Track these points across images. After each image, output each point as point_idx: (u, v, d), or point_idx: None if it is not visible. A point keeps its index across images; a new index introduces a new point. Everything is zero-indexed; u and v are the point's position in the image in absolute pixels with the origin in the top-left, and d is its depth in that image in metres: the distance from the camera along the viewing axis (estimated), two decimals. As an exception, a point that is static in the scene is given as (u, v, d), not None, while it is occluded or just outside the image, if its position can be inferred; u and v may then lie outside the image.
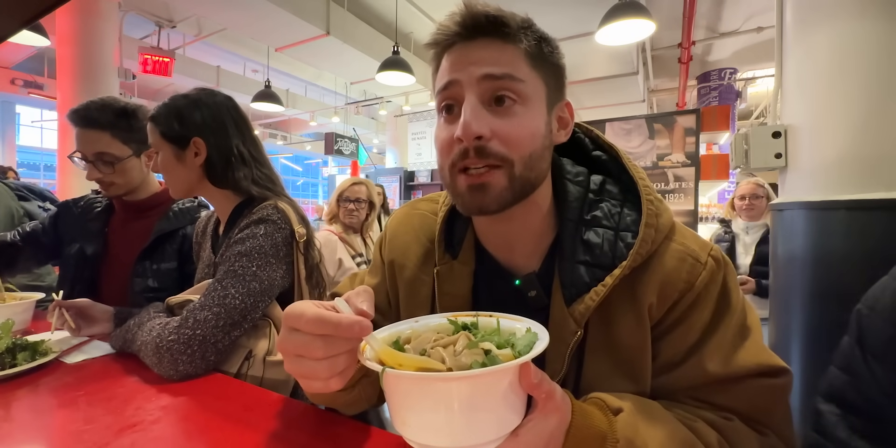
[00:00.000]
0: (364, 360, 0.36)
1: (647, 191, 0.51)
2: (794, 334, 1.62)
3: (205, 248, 1.05)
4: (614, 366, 0.50)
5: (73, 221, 1.27)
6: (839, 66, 1.49)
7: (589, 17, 3.70)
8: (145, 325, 0.81)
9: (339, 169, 12.22)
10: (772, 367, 0.48)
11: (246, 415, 0.60)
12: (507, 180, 0.48)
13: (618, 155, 0.55)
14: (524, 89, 0.47)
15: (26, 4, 0.37)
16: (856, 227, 1.41)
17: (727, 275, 0.51)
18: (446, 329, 0.44)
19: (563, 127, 0.54)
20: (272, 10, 4.11)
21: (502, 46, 0.47)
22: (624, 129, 3.43)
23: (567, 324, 0.50)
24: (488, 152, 0.46)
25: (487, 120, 0.46)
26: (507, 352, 0.36)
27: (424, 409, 0.35)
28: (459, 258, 0.58)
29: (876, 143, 1.40)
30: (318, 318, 0.37)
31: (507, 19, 0.47)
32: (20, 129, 9.82)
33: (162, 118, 0.94)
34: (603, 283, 0.48)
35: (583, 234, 0.52)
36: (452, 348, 0.38)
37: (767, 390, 0.48)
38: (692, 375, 0.48)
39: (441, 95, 0.50)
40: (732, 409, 0.48)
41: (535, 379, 0.36)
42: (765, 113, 7.24)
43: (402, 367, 0.36)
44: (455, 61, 0.48)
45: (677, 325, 0.49)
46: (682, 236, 0.52)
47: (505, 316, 0.44)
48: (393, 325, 0.44)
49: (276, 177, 1.05)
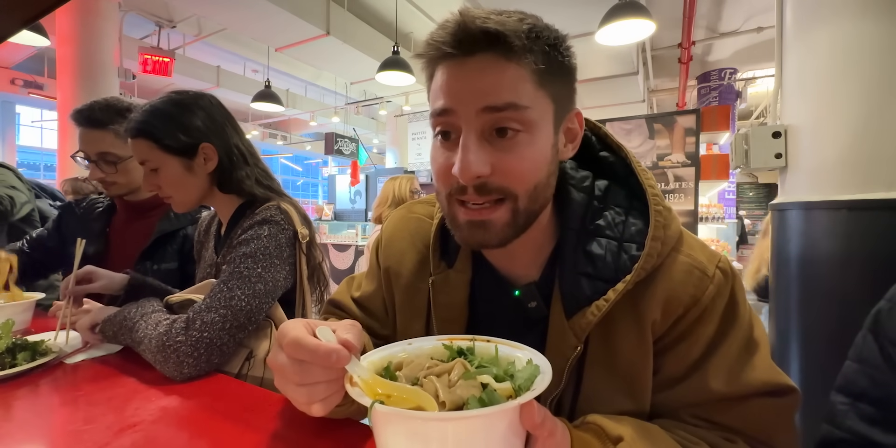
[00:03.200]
0: (351, 391, 0.34)
1: (656, 200, 0.48)
2: (794, 334, 1.63)
3: (207, 248, 1.05)
4: (614, 382, 0.48)
5: (76, 222, 1.28)
6: (839, 66, 1.49)
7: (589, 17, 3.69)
8: (150, 317, 0.78)
9: (339, 169, 12.20)
10: (779, 386, 0.46)
11: (246, 415, 0.60)
12: (511, 216, 0.45)
13: (626, 156, 0.52)
14: (529, 116, 0.42)
15: (26, 4, 0.37)
16: (856, 227, 1.41)
17: (735, 287, 0.48)
18: (441, 354, 0.42)
19: (571, 140, 0.50)
20: (272, 10, 4.12)
21: (504, 66, 0.41)
22: (624, 129, 3.43)
23: (567, 337, 0.48)
24: (490, 188, 0.43)
25: (488, 156, 0.42)
26: (507, 386, 0.34)
27: (412, 446, 0.32)
28: (456, 266, 0.56)
29: (876, 143, 1.40)
30: (295, 341, 0.36)
31: (509, 36, 0.40)
32: (20, 129, 9.82)
33: (158, 131, 0.87)
34: (605, 298, 0.46)
35: (585, 244, 0.49)
36: (447, 378, 0.36)
37: (773, 410, 0.46)
38: (695, 392, 0.46)
39: (436, 120, 0.45)
40: (736, 429, 0.46)
41: (538, 418, 0.33)
42: (765, 113, 7.24)
43: (392, 398, 0.34)
44: (450, 81, 0.43)
45: (681, 340, 0.47)
46: (689, 247, 0.49)
47: (504, 342, 0.41)
48: (385, 347, 0.42)
49: (272, 172, 1.04)
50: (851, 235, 1.42)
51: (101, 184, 1.18)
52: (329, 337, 0.38)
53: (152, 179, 0.90)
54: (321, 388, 0.38)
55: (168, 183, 0.90)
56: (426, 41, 0.44)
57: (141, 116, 0.88)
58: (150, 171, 0.90)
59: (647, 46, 5.23)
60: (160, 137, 0.88)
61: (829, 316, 1.48)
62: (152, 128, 0.88)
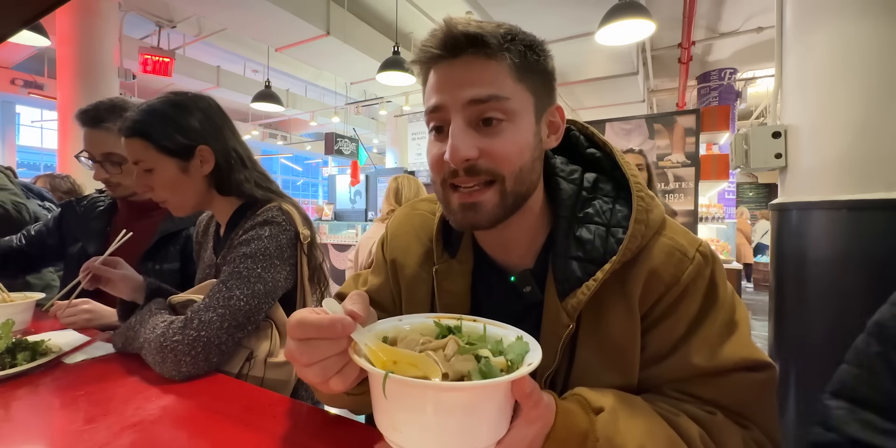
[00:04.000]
0: (357, 360, 0.36)
1: (638, 187, 0.52)
2: (795, 334, 1.63)
3: (206, 249, 1.04)
4: (604, 358, 0.51)
5: (76, 220, 1.28)
6: (839, 66, 1.49)
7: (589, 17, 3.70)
8: (147, 322, 0.80)
9: (340, 169, 12.21)
10: (756, 362, 0.49)
11: (246, 415, 0.60)
12: (499, 197, 0.49)
13: (611, 152, 0.56)
14: (511, 106, 0.47)
15: (26, 4, 0.37)
16: (856, 227, 1.41)
17: (715, 270, 0.52)
18: (431, 331, 0.44)
19: (554, 132, 0.55)
20: (272, 10, 4.12)
21: (485, 63, 0.47)
22: (624, 129, 3.44)
23: (560, 317, 0.51)
24: (478, 170, 0.48)
25: (475, 141, 0.47)
26: (501, 360, 0.37)
27: (422, 416, 0.34)
28: (458, 257, 0.60)
29: (876, 143, 1.40)
30: (299, 321, 0.38)
31: (487, 37, 0.46)
32: (20, 129, 9.82)
33: (155, 131, 0.86)
34: (594, 278, 0.49)
35: (575, 230, 0.53)
36: (442, 353, 0.38)
37: (751, 384, 0.49)
38: (678, 368, 0.49)
39: (429, 117, 0.50)
40: (716, 403, 0.48)
41: (528, 388, 0.36)
42: (765, 113, 7.24)
43: (398, 364, 0.36)
44: (440, 82, 0.48)
45: (664, 319, 0.51)
46: (671, 231, 0.53)
47: (491, 322, 0.44)
48: (376, 323, 0.44)
49: (269, 175, 1.04)
50: (851, 235, 1.42)
51: (106, 185, 1.18)
52: (335, 308, 0.39)
53: (145, 180, 0.89)
54: (332, 361, 0.38)
55: (162, 185, 0.89)
56: (419, 48, 0.49)
57: (138, 116, 0.87)
58: (144, 172, 0.89)
59: (647, 46, 5.23)
60: (156, 138, 0.86)
61: (828, 316, 1.48)
62: (149, 128, 0.86)
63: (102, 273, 0.90)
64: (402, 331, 0.44)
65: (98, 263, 0.91)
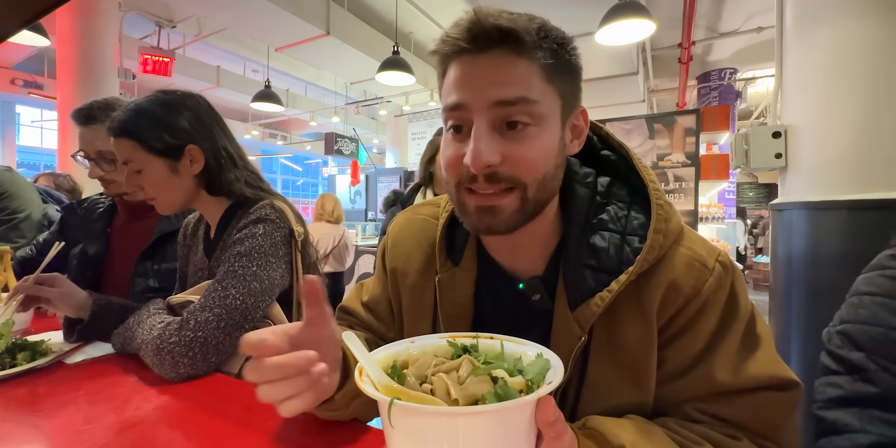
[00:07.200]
0: (364, 388, 0.33)
1: (658, 195, 0.49)
2: (794, 334, 1.63)
3: (196, 252, 1.02)
4: (618, 371, 0.49)
5: (77, 222, 1.29)
6: (839, 65, 1.49)
7: (589, 17, 3.69)
8: (145, 323, 0.79)
9: (340, 169, 12.20)
10: (784, 381, 0.46)
11: (247, 415, 0.60)
12: (520, 203, 0.46)
13: (627, 154, 0.54)
14: (539, 109, 0.44)
15: (26, 4, 0.37)
16: (856, 227, 1.41)
17: (735, 281, 0.49)
18: (445, 351, 0.42)
19: (577, 136, 0.52)
20: (272, 10, 4.11)
21: (515, 61, 0.43)
22: (624, 129, 3.43)
23: (571, 328, 0.49)
24: (500, 177, 0.45)
25: (498, 146, 0.44)
26: (519, 380, 0.34)
27: (433, 444, 0.31)
28: (461, 265, 0.57)
29: (876, 143, 1.40)
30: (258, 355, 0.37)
31: (520, 32, 0.42)
32: (20, 129, 9.81)
33: (143, 131, 0.85)
34: (609, 289, 0.47)
35: (589, 237, 0.50)
36: (456, 375, 0.36)
37: (777, 405, 0.46)
38: (700, 384, 0.47)
39: (448, 114, 0.47)
40: (739, 424, 0.46)
41: (552, 416, 0.33)
42: (765, 113, 7.24)
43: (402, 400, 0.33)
44: (463, 77, 0.45)
45: (684, 332, 0.48)
46: (689, 241, 0.50)
47: (508, 338, 0.41)
48: (389, 345, 0.42)
49: (261, 174, 1.03)
50: (851, 235, 1.42)
51: (101, 182, 1.18)
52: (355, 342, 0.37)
53: (135, 180, 0.88)
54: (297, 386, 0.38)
55: (151, 184, 0.88)
56: (441, 38, 0.46)
57: (125, 115, 0.85)
58: (133, 172, 0.88)
59: (647, 46, 5.23)
60: (144, 138, 0.85)
61: (828, 316, 1.48)
62: (136, 127, 0.85)
63: (35, 292, 0.84)
64: (413, 354, 0.42)
65: (31, 282, 0.85)
